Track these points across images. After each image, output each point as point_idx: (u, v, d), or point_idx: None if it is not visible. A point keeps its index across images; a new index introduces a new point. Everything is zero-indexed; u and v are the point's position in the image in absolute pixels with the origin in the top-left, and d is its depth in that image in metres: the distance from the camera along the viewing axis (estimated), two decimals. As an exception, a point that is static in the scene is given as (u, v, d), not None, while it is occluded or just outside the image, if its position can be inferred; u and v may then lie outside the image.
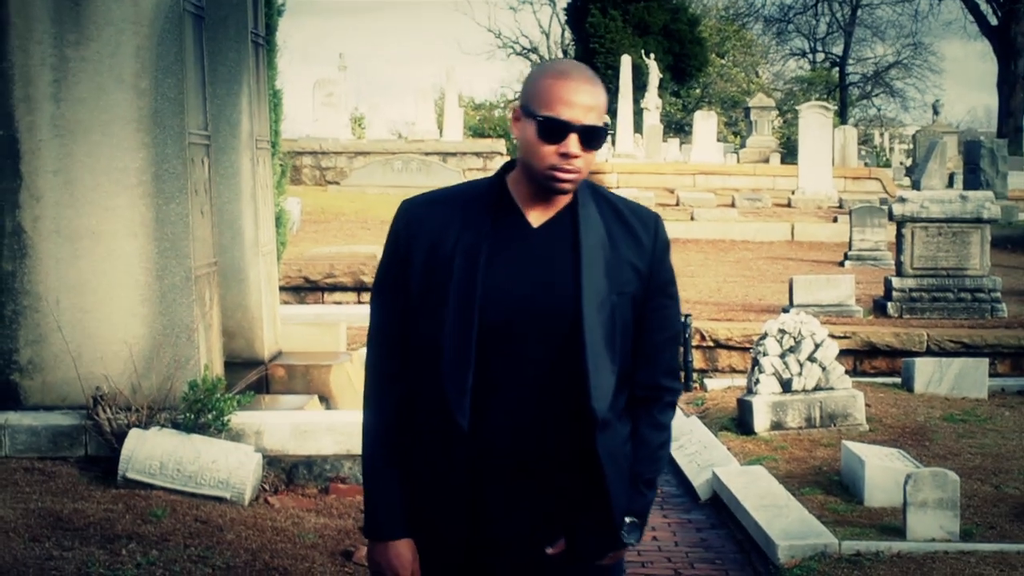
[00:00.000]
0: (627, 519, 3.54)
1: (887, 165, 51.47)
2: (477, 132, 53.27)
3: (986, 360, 13.09)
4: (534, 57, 77.26)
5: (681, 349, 13.61)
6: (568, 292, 3.38)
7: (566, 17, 63.61)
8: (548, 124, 3.30)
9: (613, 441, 3.47)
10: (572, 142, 3.31)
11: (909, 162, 48.86)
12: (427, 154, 31.02)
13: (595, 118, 3.34)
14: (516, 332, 3.36)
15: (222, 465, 7.31)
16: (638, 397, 3.57)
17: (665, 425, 3.63)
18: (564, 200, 3.45)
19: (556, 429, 3.40)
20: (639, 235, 3.51)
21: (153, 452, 7.31)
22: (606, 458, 3.44)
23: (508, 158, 27.63)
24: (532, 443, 3.39)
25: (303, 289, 16.01)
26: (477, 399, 3.35)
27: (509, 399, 3.37)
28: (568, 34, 67.34)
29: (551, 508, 3.47)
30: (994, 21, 56.69)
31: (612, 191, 3.50)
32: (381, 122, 42.55)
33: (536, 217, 3.44)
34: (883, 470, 8.75)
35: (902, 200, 16.33)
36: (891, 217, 16.46)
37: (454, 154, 31.49)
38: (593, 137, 3.33)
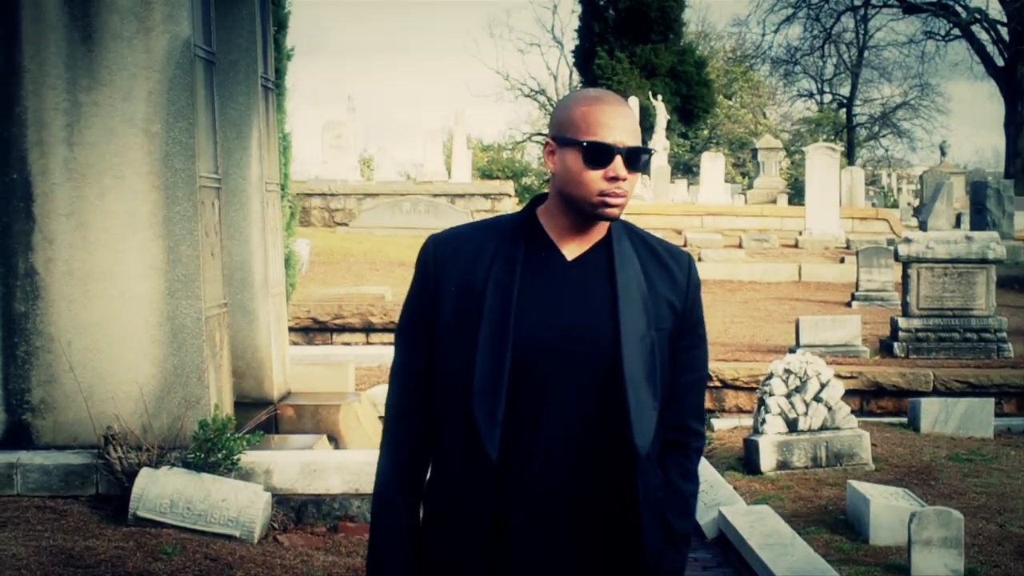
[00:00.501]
0: None
1: (895, 205, 51.58)
2: (485, 174, 53.47)
3: (992, 400, 13.14)
4: (542, 99, 77.48)
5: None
6: (606, 325, 3.30)
7: (574, 59, 63.91)
8: (593, 149, 3.24)
9: (651, 482, 3.38)
10: (619, 165, 3.25)
11: (917, 202, 48.92)
12: (435, 196, 31.17)
13: (636, 139, 3.30)
14: (551, 367, 3.27)
15: (232, 504, 7.38)
16: (666, 441, 3.46)
17: (695, 474, 3.54)
18: (599, 234, 3.39)
19: (590, 466, 3.31)
20: (674, 272, 3.45)
21: (163, 491, 7.38)
22: (644, 498, 3.34)
23: (516, 200, 27.67)
24: (563, 479, 3.29)
25: (312, 330, 16.10)
26: (507, 432, 3.25)
27: (541, 433, 3.27)
28: (576, 76, 67.63)
29: (578, 548, 3.34)
30: (1000, 62, 56.87)
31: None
32: (390, 164, 42.58)
33: (570, 250, 3.37)
34: (888, 509, 8.80)
35: (908, 241, 16.41)
36: (897, 258, 16.55)
37: (462, 195, 31.64)
38: (637, 158, 3.29)
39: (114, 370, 7.97)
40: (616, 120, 3.27)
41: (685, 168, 62.04)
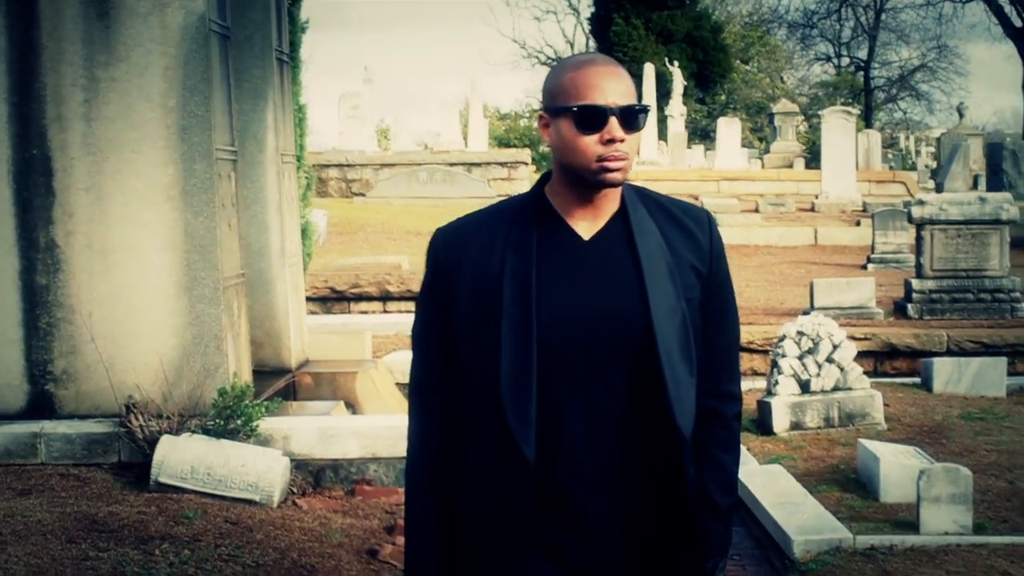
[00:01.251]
0: (713, 562, 3.30)
1: (913, 168, 51.55)
2: (502, 142, 53.50)
3: (1004, 359, 13.22)
4: (559, 66, 77.19)
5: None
6: (634, 304, 3.09)
7: (590, 26, 63.88)
8: (585, 112, 3.05)
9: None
10: (614, 126, 3.05)
11: (935, 165, 48.86)
12: (452, 165, 31.26)
13: (630, 98, 3.09)
14: (580, 355, 3.07)
15: (251, 469, 7.53)
16: (704, 409, 3.25)
17: (735, 443, 3.36)
18: (612, 206, 3.19)
19: (632, 454, 3.12)
20: (695, 235, 3.25)
21: (184, 457, 7.54)
22: (693, 481, 3.19)
23: (533, 167, 27.70)
24: (603, 471, 3.10)
25: (329, 299, 16.24)
26: (542, 428, 3.04)
27: (577, 426, 3.08)
28: (592, 43, 67.53)
29: (628, 544, 3.16)
30: (1018, 23, 56.61)
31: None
32: (406, 134, 42.79)
33: (585, 229, 3.17)
34: (898, 467, 8.92)
35: (921, 203, 16.48)
36: (910, 220, 16.63)
37: (479, 164, 31.72)
38: (633, 117, 3.08)
39: (134, 340, 8.12)
40: (606, 81, 3.08)
41: (702, 134, 61.98)
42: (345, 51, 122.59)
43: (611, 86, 3.09)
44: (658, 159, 39.75)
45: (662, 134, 43.49)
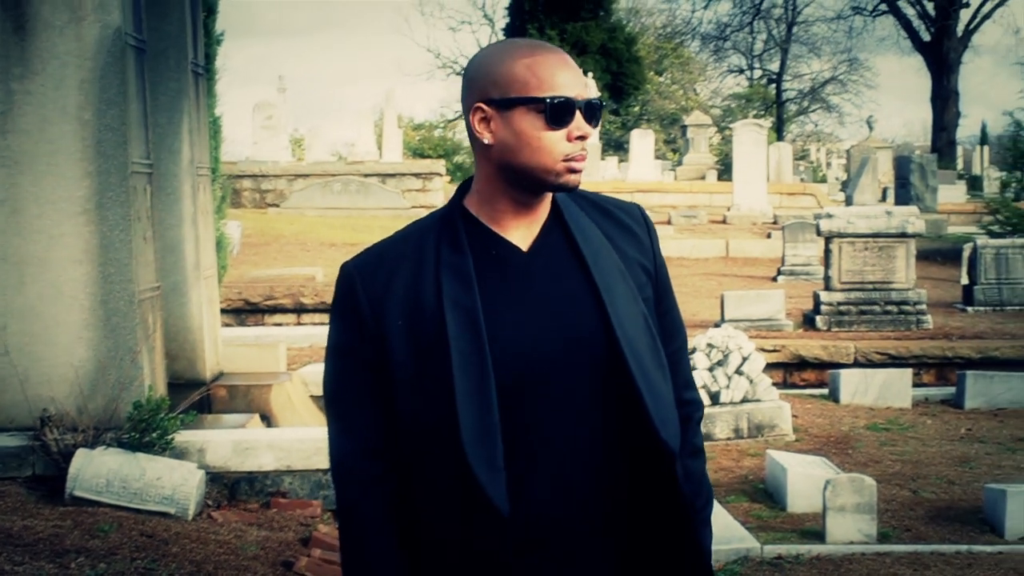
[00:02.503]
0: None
1: (824, 180, 52.12)
2: (417, 153, 53.53)
3: (910, 371, 13.50)
4: (473, 77, 77.28)
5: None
6: (591, 317, 2.76)
7: (504, 37, 64.03)
8: (558, 106, 2.71)
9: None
10: (581, 121, 2.74)
11: (845, 176, 49.48)
12: (366, 176, 31.26)
13: (587, 90, 2.79)
14: (543, 384, 2.72)
15: (166, 482, 7.57)
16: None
17: (701, 449, 3.05)
18: (545, 211, 2.84)
19: (620, 479, 2.80)
20: (634, 230, 2.95)
21: (99, 470, 7.55)
22: (687, 495, 2.86)
23: (448, 178, 27.72)
24: (592, 502, 2.77)
25: (243, 311, 16.25)
26: (512, 472, 2.68)
27: (552, 461, 2.74)
28: (507, 54, 67.52)
29: (620, 570, 2.84)
30: (927, 37, 57.45)
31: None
32: (321, 144, 42.56)
33: (521, 238, 2.81)
34: (805, 477, 9.09)
35: (829, 216, 16.75)
36: (819, 233, 16.90)
37: (393, 175, 31.74)
38: (597, 111, 2.79)
39: (49, 353, 8.12)
40: (567, 70, 2.76)
41: (616, 145, 62.32)
42: (258, 59, 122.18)
43: (575, 77, 2.77)
44: (572, 170, 39.86)
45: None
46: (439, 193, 31.80)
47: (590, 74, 48.13)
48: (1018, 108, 28.88)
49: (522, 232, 2.82)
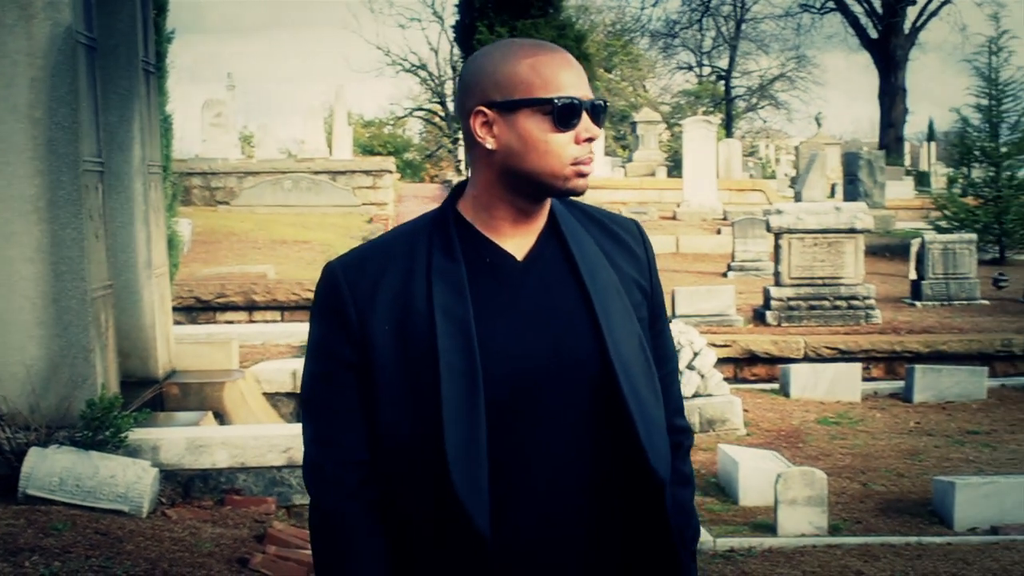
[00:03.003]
0: None
1: (773, 176, 52.37)
2: (367, 150, 53.49)
3: (859, 365, 13.63)
4: (423, 74, 77.40)
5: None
6: (586, 334, 2.64)
7: (454, 34, 63.89)
8: (567, 107, 2.59)
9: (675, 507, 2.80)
10: (589, 123, 2.62)
11: (794, 173, 49.74)
12: (316, 173, 31.18)
13: (590, 91, 2.67)
14: (532, 402, 2.60)
15: (120, 480, 7.56)
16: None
17: (691, 477, 2.92)
18: (542, 220, 2.72)
19: (607, 506, 2.67)
20: (631, 246, 2.83)
21: (53, 469, 7.54)
22: (675, 528, 2.74)
23: (398, 176, 27.60)
24: (576, 529, 2.64)
25: (195, 309, 16.20)
26: (496, 494, 2.55)
27: (537, 485, 2.61)
28: (456, 51, 67.71)
29: None
30: (874, 34, 57.75)
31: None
32: (271, 141, 42.45)
33: (516, 247, 2.68)
34: (756, 471, 9.17)
35: (779, 212, 16.86)
36: (769, 229, 17.01)
37: (344, 172, 31.66)
38: (603, 113, 2.68)
39: (1, 352, 8.09)
40: (571, 69, 2.64)
41: (566, 142, 62.31)
42: (207, 56, 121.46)
43: (579, 77, 2.64)
44: (522, 167, 39.95)
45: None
46: (389, 191, 31.78)
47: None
48: (964, 105, 29.08)
49: (518, 241, 2.69)
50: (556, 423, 2.61)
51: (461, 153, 60.60)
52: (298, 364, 10.67)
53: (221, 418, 9.58)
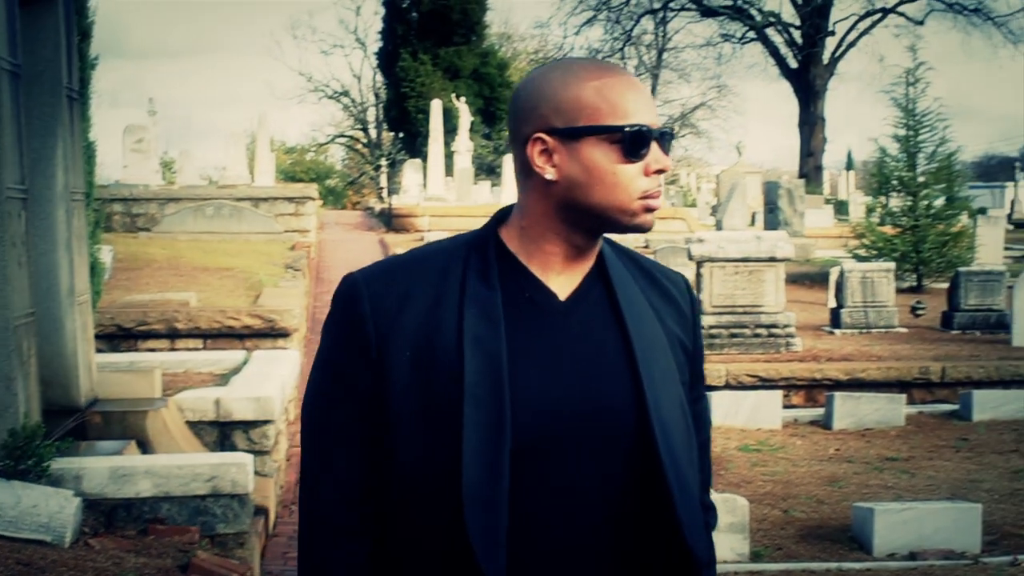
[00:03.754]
0: None
1: (694, 205, 52.70)
2: (289, 176, 53.44)
3: (779, 392, 13.76)
4: (345, 100, 77.40)
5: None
6: (625, 385, 2.40)
7: (377, 61, 64.08)
8: (638, 136, 2.36)
9: None
10: (659, 152, 2.41)
11: (715, 201, 50.11)
12: (239, 199, 31.07)
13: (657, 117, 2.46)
14: (560, 450, 2.35)
15: (42, 509, 7.51)
16: None
17: (714, 562, 2.57)
18: (590, 260, 2.49)
19: None
20: (677, 301, 2.60)
21: (-26, 499, 7.48)
22: None
23: (320, 203, 27.40)
24: None
25: (117, 337, 16.08)
26: (512, 550, 2.30)
27: (558, 547, 2.36)
28: (380, 78, 67.78)
29: None
30: (794, 64, 58.44)
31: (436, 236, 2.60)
32: (192, 167, 42.24)
33: (560, 286, 2.45)
34: (679, 498, 9.24)
35: (700, 241, 17.00)
36: (690, 257, 17.14)
37: (266, 199, 31.57)
38: (670, 142, 2.46)
39: (-79, 380, 8.02)
40: (639, 94, 2.41)
41: (488, 169, 62.55)
42: (128, 81, 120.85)
43: (647, 102, 2.43)
44: (445, 194, 40.05)
45: (449, 169, 43.81)
46: (312, 218, 31.71)
47: (462, 99, 48.28)
48: (883, 135, 29.43)
49: (563, 280, 2.45)
50: (585, 481, 2.37)
51: (383, 180, 60.66)
52: (221, 393, 10.64)
53: (144, 447, 9.52)
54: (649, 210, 2.41)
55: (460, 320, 2.36)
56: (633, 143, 2.36)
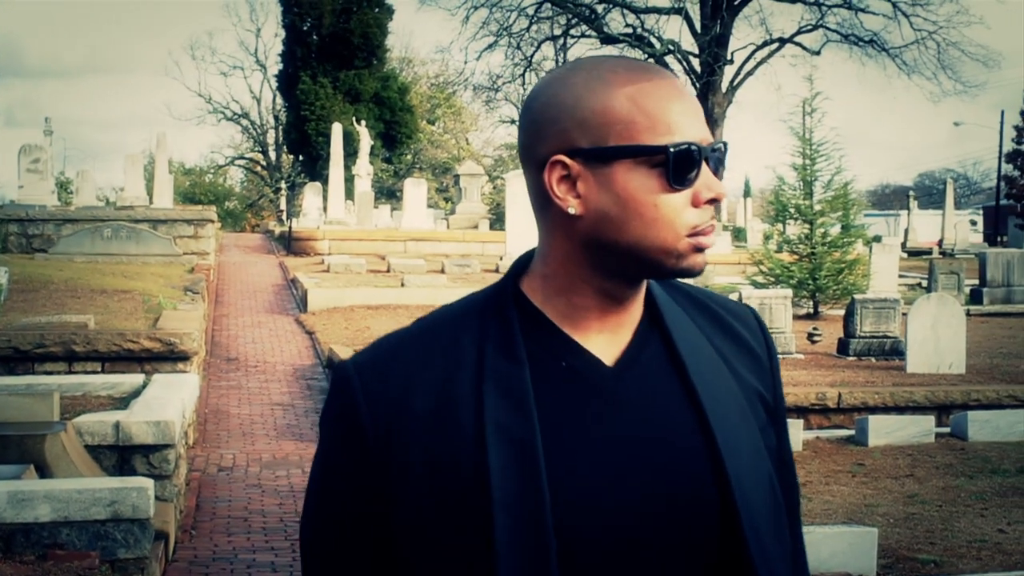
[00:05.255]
0: None
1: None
2: (188, 198, 53.16)
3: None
4: (245, 122, 77.15)
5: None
6: (701, 468, 1.85)
7: (277, 84, 63.91)
8: (684, 158, 1.82)
9: None
10: (711, 177, 1.87)
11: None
12: (137, 221, 30.83)
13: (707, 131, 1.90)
14: (622, 559, 1.81)
15: (-61, 535, 7.42)
16: None
17: None
18: (637, 310, 1.94)
19: None
20: (749, 344, 2.05)
21: None
22: None
23: (218, 225, 27.21)
24: None
25: (13, 359, 15.87)
26: None
27: None
28: (280, 100, 67.58)
29: None
30: (693, 92, 59.04)
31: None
32: (90, 188, 41.85)
33: (604, 347, 1.89)
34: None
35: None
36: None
37: (165, 221, 31.37)
38: (724, 162, 1.91)
39: None
40: (686, 103, 1.87)
41: (388, 193, 62.64)
42: (23, 99, 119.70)
43: (695, 113, 1.88)
44: (345, 218, 39.99)
45: (349, 193, 43.78)
46: (211, 240, 31.56)
47: (363, 122, 48.27)
48: (780, 163, 29.81)
49: (606, 339, 1.90)
50: None
51: (283, 203, 60.49)
52: (121, 416, 10.54)
53: (43, 471, 9.43)
54: (699, 249, 1.85)
55: (480, 405, 1.82)
56: (679, 166, 1.82)
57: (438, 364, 1.87)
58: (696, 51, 58.17)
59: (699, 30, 57.51)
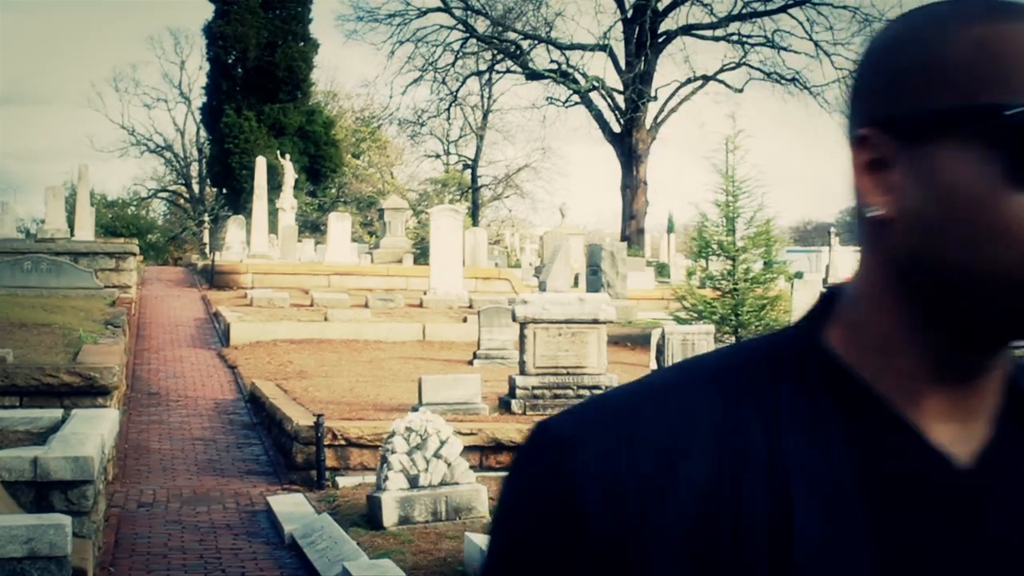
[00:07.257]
0: None
1: (518, 265, 53.12)
2: (110, 231, 52.68)
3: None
4: (168, 155, 76.72)
5: (314, 448, 14.00)
6: None
7: (201, 116, 63.60)
8: None
9: None
10: None
11: (539, 262, 50.51)
12: (58, 254, 30.51)
13: None
14: None
15: None
16: None
17: None
18: (994, 384, 1.27)
19: None
20: None
21: None
22: None
23: (140, 258, 27.07)
24: None
25: (-71, 394, 15.71)
26: None
27: None
28: (204, 133, 67.28)
29: None
30: (617, 128, 59.24)
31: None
32: (9, 220, 41.43)
33: (954, 436, 1.25)
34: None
35: (524, 302, 17.14)
36: (514, 318, 17.26)
37: (86, 254, 31.07)
38: None
39: None
40: None
41: (313, 227, 62.44)
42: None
43: None
44: (269, 252, 39.83)
45: (273, 227, 43.61)
46: (133, 273, 31.30)
47: (287, 156, 48.14)
48: (703, 199, 30.01)
49: (956, 426, 1.26)
50: None
51: (206, 236, 60.21)
52: (39, 452, 10.43)
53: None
54: None
55: (786, 511, 1.19)
56: None
57: (706, 446, 1.21)
58: (620, 88, 58.47)
59: (623, 67, 57.88)
